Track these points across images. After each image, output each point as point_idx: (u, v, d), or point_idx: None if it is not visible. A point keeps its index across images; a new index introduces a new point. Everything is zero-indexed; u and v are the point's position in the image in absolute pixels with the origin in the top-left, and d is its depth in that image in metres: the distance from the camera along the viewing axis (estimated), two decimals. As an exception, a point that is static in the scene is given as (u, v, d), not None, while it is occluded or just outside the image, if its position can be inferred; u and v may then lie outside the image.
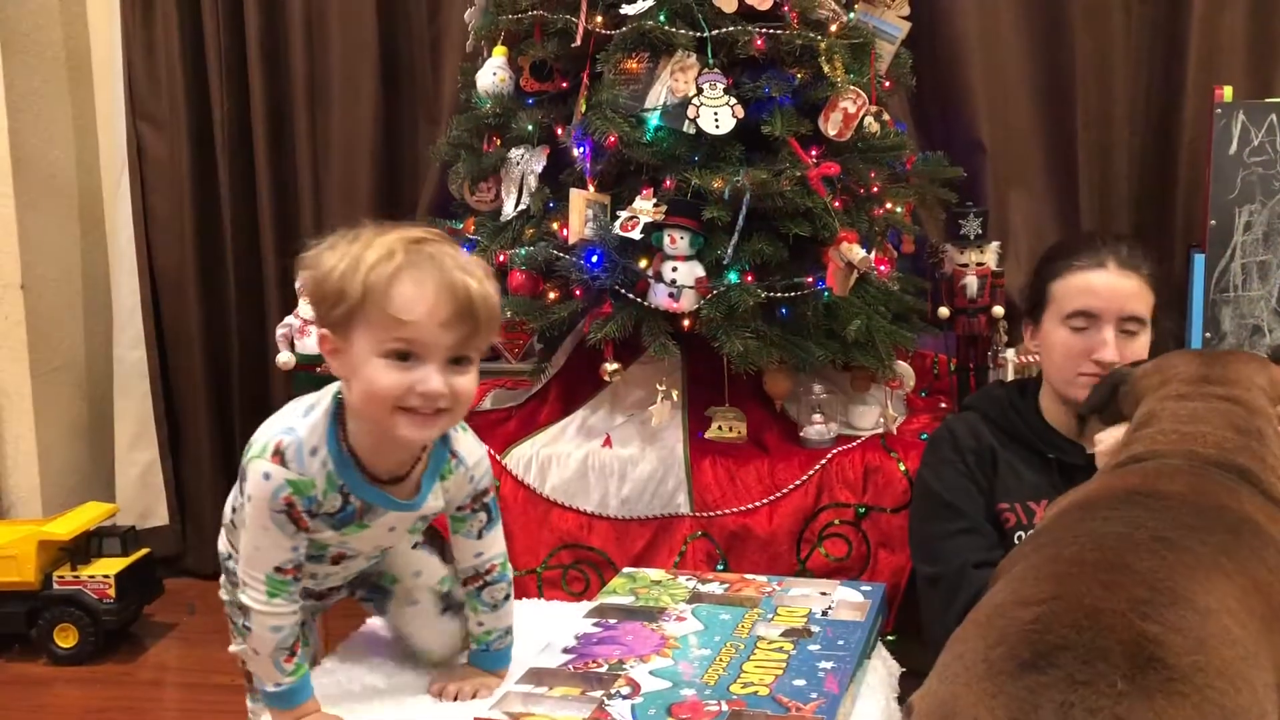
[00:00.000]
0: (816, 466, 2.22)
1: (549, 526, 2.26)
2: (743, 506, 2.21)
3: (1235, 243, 2.57)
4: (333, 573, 1.45)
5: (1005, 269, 2.54)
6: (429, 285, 1.21)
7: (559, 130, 2.37)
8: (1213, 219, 2.57)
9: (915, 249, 2.67)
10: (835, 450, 2.26)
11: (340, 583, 1.50)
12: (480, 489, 1.42)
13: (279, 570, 1.31)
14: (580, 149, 2.27)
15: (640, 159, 2.23)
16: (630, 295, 2.20)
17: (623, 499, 2.25)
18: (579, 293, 2.25)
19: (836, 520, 2.21)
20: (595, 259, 2.20)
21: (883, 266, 2.32)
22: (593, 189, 2.27)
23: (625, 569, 1.77)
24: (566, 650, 1.41)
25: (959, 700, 1.00)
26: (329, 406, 1.32)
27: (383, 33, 3.20)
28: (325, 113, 3.24)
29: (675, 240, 2.17)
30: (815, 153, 2.25)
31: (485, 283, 1.25)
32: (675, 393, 2.27)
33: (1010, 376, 2.35)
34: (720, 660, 1.37)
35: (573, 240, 2.24)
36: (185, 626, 3.06)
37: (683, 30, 2.23)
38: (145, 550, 2.97)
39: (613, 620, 1.51)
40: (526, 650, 1.47)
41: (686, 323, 2.20)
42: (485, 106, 2.48)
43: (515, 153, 2.43)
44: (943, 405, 2.56)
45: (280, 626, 1.32)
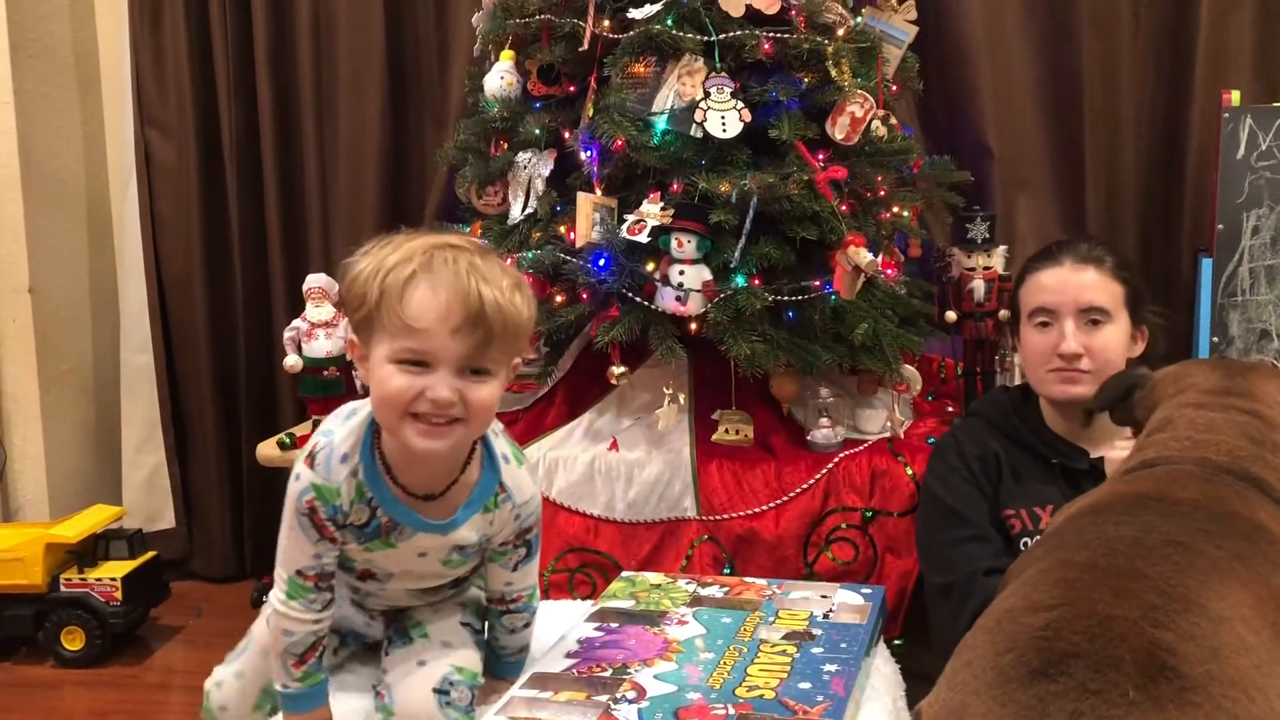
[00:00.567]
0: (823, 470, 2.22)
1: (555, 530, 2.26)
2: (749, 510, 2.21)
3: (1243, 247, 2.56)
4: (369, 592, 1.42)
5: (1012, 273, 2.54)
6: (442, 291, 1.20)
7: (566, 134, 2.38)
8: (1220, 223, 2.57)
9: (922, 253, 2.67)
10: (842, 454, 2.25)
11: (384, 606, 1.46)
12: (525, 526, 1.39)
13: (300, 574, 1.31)
14: (587, 152, 2.27)
15: (647, 163, 2.23)
16: (637, 299, 2.20)
17: (629, 502, 2.24)
18: (586, 296, 2.25)
19: (843, 524, 2.20)
20: (602, 262, 2.20)
21: (890, 270, 2.32)
22: (600, 192, 2.27)
23: (624, 572, 1.76)
24: (570, 655, 1.41)
25: (968, 708, 0.99)
26: (369, 413, 1.31)
27: (390, 37, 3.20)
28: (332, 117, 3.25)
29: (682, 244, 2.17)
30: (822, 156, 2.24)
31: (510, 294, 1.22)
32: (682, 396, 2.28)
33: (1017, 380, 2.35)
34: (724, 664, 1.37)
35: (580, 244, 2.24)
36: (192, 629, 3.07)
37: (690, 34, 2.23)
38: (152, 553, 2.98)
39: (614, 624, 1.51)
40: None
41: (693, 326, 2.20)
42: (492, 110, 2.48)
43: (522, 156, 2.43)
44: (949, 409, 2.55)
45: (292, 631, 1.31)
